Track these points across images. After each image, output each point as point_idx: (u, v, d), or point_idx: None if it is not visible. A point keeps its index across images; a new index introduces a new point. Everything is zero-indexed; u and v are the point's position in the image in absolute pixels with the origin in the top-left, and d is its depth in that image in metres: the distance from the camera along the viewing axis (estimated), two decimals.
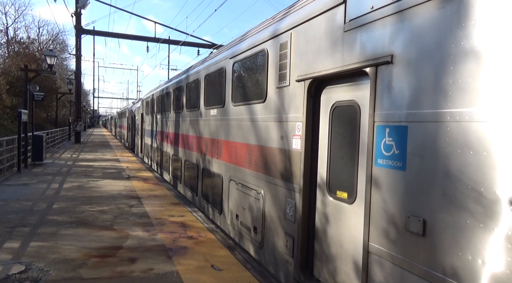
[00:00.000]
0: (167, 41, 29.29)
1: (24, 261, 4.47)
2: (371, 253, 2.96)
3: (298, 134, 4.10)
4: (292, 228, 4.19)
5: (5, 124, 22.88)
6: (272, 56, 4.75)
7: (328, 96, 3.79)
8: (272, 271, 4.62)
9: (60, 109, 41.68)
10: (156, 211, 7.19)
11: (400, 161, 2.71)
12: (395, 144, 2.77)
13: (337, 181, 3.64)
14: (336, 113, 3.66)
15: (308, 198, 4.01)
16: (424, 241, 2.49)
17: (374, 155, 2.97)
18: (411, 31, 2.68)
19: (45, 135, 15.35)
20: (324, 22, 3.72)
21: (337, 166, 3.64)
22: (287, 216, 4.30)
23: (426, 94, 2.53)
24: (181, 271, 4.34)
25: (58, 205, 7.47)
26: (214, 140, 7.02)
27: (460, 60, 2.32)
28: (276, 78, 4.62)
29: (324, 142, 3.83)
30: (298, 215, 4.06)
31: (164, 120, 12.13)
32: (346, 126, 3.52)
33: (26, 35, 39.33)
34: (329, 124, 3.74)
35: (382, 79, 2.91)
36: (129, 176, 11.81)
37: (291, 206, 4.20)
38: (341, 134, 3.58)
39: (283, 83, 4.44)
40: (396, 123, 2.76)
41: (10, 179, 10.65)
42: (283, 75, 4.45)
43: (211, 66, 7.31)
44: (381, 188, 2.89)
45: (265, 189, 4.88)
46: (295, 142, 4.14)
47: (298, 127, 4.11)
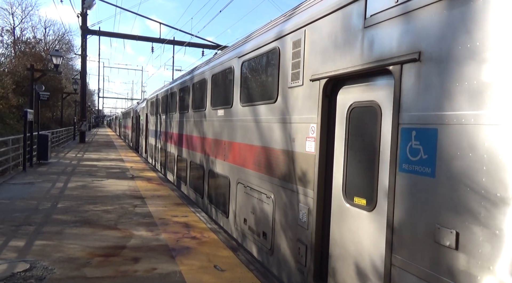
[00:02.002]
0: (172, 42, 29.40)
1: (29, 260, 4.51)
2: (394, 265, 2.75)
3: (312, 136, 3.90)
4: (305, 235, 3.98)
5: (11, 124, 23.05)
6: (284, 55, 4.55)
7: (345, 97, 3.58)
8: (284, 280, 4.43)
9: (65, 109, 41.93)
10: (160, 211, 7.22)
11: (429, 167, 2.49)
12: (423, 148, 2.55)
13: (354, 187, 3.41)
14: (353, 114, 3.44)
15: (323, 203, 3.79)
16: (457, 255, 2.27)
17: (398, 159, 2.75)
18: (443, 26, 2.45)
19: (50, 134, 15.46)
20: (342, 18, 3.50)
21: (355, 171, 3.41)
22: (300, 222, 4.10)
23: (459, 95, 2.31)
24: (184, 271, 4.36)
25: (62, 204, 7.52)
26: (220, 142, 6.85)
27: (503, 58, 2.10)
28: (288, 78, 4.43)
29: (340, 144, 3.60)
30: (311, 222, 3.86)
31: (169, 120, 12.02)
32: (365, 129, 3.29)
33: (33, 35, 39.65)
34: (346, 126, 3.51)
35: (408, 78, 2.71)
36: (133, 175, 11.86)
37: (304, 211, 3.99)
38: (359, 137, 3.36)
39: (296, 83, 4.25)
40: (424, 126, 2.54)
41: (16, 178, 10.74)
42: (296, 74, 4.25)
43: (218, 66, 7.14)
44: (406, 195, 2.67)
45: (275, 193, 4.68)
46: (309, 145, 3.94)
47: (312, 129, 3.90)
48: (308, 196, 3.94)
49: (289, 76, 4.41)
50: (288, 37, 4.47)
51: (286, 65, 4.48)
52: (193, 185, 8.93)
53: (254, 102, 5.42)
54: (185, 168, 9.75)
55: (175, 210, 7.42)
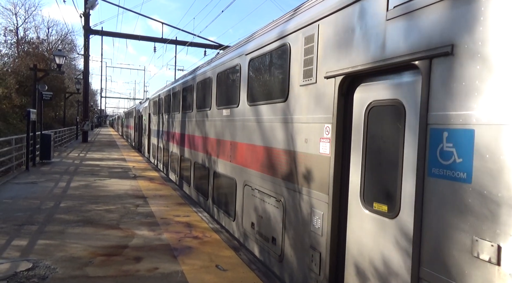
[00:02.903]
0: (174, 42, 29.46)
1: (31, 259, 4.53)
2: (423, 279, 2.52)
3: (326, 137, 3.65)
4: (319, 242, 3.74)
5: (14, 123, 23.17)
6: (295, 51, 4.32)
7: (363, 95, 3.34)
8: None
9: (68, 109, 42.10)
10: (162, 211, 7.23)
11: (464, 172, 2.25)
12: (457, 150, 2.30)
13: (374, 191, 3.17)
14: (373, 113, 3.21)
15: (338, 208, 3.54)
16: (499, 271, 2.06)
17: (427, 163, 2.50)
18: (481, 15, 2.22)
19: (53, 134, 15.51)
20: (360, 10, 3.27)
21: (374, 174, 3.16)
22: (313, 228, 3.86)
23: (502, 92, 2.09)
24: (186, 270, 4.37)
25: (65, 203, 7.55)
26: (226, 142, 6.65)
27: None
28: (299, 75, 4.19)
29: (358, 146, 3.36)
30: (326, 228, 3.61)
31: (173, 120, 11.79)
32: (386, 129, 3.06)
33: (36, 36, 39.81)
34: (364, 126, 3.27)
35: (438, 74, 2.46)
36: (135, 175, 11.89)
37: (318, 217, 3.75)
38: (379, 138, 3.13)
39: (309, 81, 4.00)
40: (458, 127, 2.29)
41: (19, 177, 10.78)
42: (309, 71, 4.00)
43: (224, 64, 6.90)
44: (437, 202, 2.43)
45: (286, 197, 4.44)
46: (323, 146, 3.70)
47: (326, 130, 3.65)
48: (322, 200, 3.71)
49: (300, 74, 4.18)
50: (299, 33, 4.25)
51: (297, 62, 4.26)
52: (197, 186, 8.75)
53: (262, 101, 5.20)
54: (188, 168, 9.57)
55: (177, 209, 7.43)
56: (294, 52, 4.35)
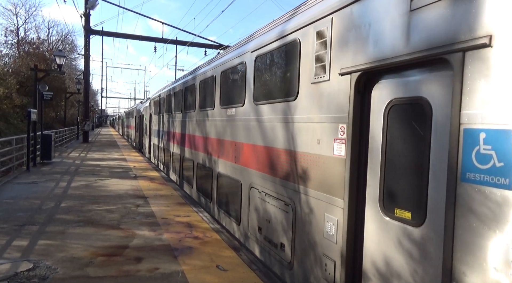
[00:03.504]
0: (174, 42, 29.46)
1: (32, 259, 4.53)
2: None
3: (341, 138, 3.44)
4: (333, 250, 3.51)
5: (15, 123, 23.18)
6: (305, 47, 4.11)
7: (383, 92, 3.12)
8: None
9: (69, 109, 42.10)
10: (162, 211, 7.23)
11: (506, 177, 2.05)
12: (497, 153, 2.09)
13: (395, 197, 2.94)
14: (393, 112, 2.99)
15: (355, 215, 3.31)
16: None
17: (460, 167, 2.29)
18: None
19: (53, 134, 15.51)
20: (380, 1, 3.06)
21: (396, 178, 2.93)
22: (326, 235, 3.62)
23: None
24: (187, 271, 4.36)
25: (66, 203, 7.55)
26: (231, 143, 6.43)
27: None
28: (310, 72, 3.98)
29: (376, 147, 3.14)
30: (341, 235, 3.38)
31: (175, 120, 11.57)
32: (410, 129, 2.84)
33: (36, 36, 39.83)
34: (384, 126, 3.06)
35: (474, 68, 2.24)
36: (135, 175, 11.89)
37: (332, 223, 3.53)
38: (401, 139, 2.91)
39: (321, 78, 3.78)
40: (499, 127, 2.09)
41: (19, 177, 10.79)
42: (321, 68, 3.79)
43: (228, 62, 6.69)
44: (472, 210, 2.22)
45: (296, 201, 4.22)
46: (337, 147, 3.48)
47: (341, 130, 3.43)
48: (336, 206, 3.48)
49: (312, 71, 3.96)
50: (310, 28, 4.02)
51: (308, 58, 4.04)
52: (200, 188, 8.53)
53: (269, 100, 4.97)
54: (191, 169, 9.39)
55: (177, 209, 7.43)
56: (304, 48, 4.14)
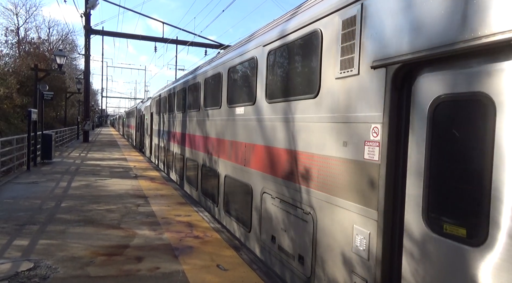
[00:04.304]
0: (174, 42, 29.45)
1: (33, 259, 4.53)
2: None
3: (374, 140, 3.08)
4: (364, 267, 3.15)
5: (15, 123, 23.20)
6: (328, 38, 3.73)
7: (427, 87, 2.73)
8: None
9: (69, 109, 42.12)
10: (163, 210, 7.23)
11: None
12: None
13: (444, 209, 2.57)
14: (441, 110, 2.62)
15: (391, 228, 2.94)
16: None
17: None
18: None
19: (54, 134, 15.51)
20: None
21: (445, 187, 2.56)
22: (355, 250, 3.25)
23: None
24: (187, 270, 4.36)
25: (66, 203, 7.55)
26: (239, 144, 6.06)
27: None
28: (335, 67, 3.61)
29: (418, 151, 2.78)
30: (374, 251, 3.02)
31: (178, 120, 11.17)
32: (464, 130, 2.46)
33: (37, 36, 39.86)
34: (428, 126, 2.69)
35: None
36: (136, 175, 11.90)
37: (363, 237, 3.16)
38: (451, 142, 2.54)
39: (348, 72, 3.41)
40: None
41: (20, 177, 10.80)
42: (348, 61, 3.43)
43: (237, 58, 6.32)
44: None
45: (318, 209, 3.85)
46: (369, 150, 3.13)
47: (374, 131, 3.09)
48: (368, 217, 3.11)
49: (336, 65, 3.59)
50: (334, 16, 3.64)
51: (332, 51, 3.67)
52: (205, 191, 8.17)
53: (285, 97, 4.60)
54: (195, 171, 9.03)
55: (178, 209, 7.43)
56: (327, 39, 3.77)
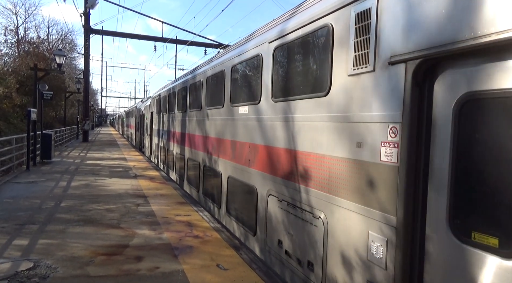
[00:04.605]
0: (174, 41, 29.45)
1: (32, 258, 4.53)
2: None
3: (392, 141, 2.92)
4: (381, 277, 2.99)
5: (15, 123, 23.18)
6: (340, 33, 3.58)
7: (452, 84, 2.56)
8: None
9: (69, 108, 42.09)
10: (163, 210, 7.23)
11: None
12: None
13: (473, 216, 2.40)
14: (468, 109, 2.45)
15: (411, 236, 2.76)
16: None
17: None
18: None
19: (53, 134, 15.51)
20: None
21: (473, 191, 2.41)
22: (371, 257, 3.09)
23: None
24: (187, 270, 4.37)
25: (66, 203, 7.55)
26: (244, 144, 5.87)
27: None
28: (347, 63, 3.46)
29: (441, 152, 2.60)
30: (392, 259, 2.86)
31: (180, 119, 10.96)
32: (497, 130, 2.30)
33: (36, 35, 39.81)
34: (454, 125, 2.52)
35: None
36: (135, 174, 11.89)
37: (379, 244, 3.00)
38: (482, 142, 2.38)
39: (363, 69, 3.25)
40: None
41: (19, 177, 10.79)
42: (363, 57, 3.26)
43: (240, 55, 6.15)
44: None
45: (328, 213, 3.68)
46: (386, 152, 2.97)
47: (391, 131, 2.93)
48: (385, 223, 2.94)
49: (349, 61, 3.43)
50: (347, 10, 3.50)
51: (344, 46, 3.52)
52: (207, 192, 8.01)
53: (292, 96, 4.43)
54: (197, 172, 8.87)
55: (178, 209, 7.43)
56: (338, 34, 3.61)
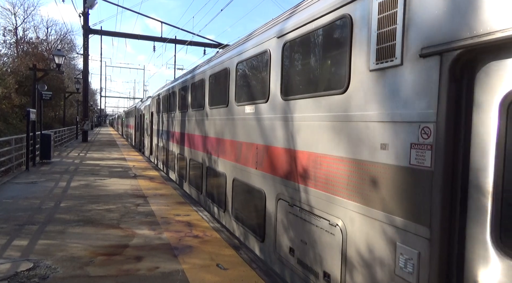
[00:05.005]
0: (173, 41, 29.44)
1: (32, 259, 4.53)
2: None
3: (424, 143, 2.64)
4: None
5: (14, 123, 23.16)
6: (360, 25, 3.33)
7: (497, 78, 2.33)
8: None
9: (68, 109, 42.09)
10: (162, 210, 7.24)
11: None
12: None
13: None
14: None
15: (448, 249, 2.52)
16: None
17: None
18: None
19: (53, 134, 15.50)
20: None
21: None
22: (400, 272, 2.82)
23: None
24: (187, 269, 4.37)
25: (65, 203, 7.55)
26: (250, 145, 5.64)
27: None
28: (369, 57, 3.20)
29: (484, 156, 2.37)
30: (426, 276, 2.60)
31: (182, 119, 10.70)
32: None
33: (35, 35, 39.81)
34: (500, 126, 2.31)
35: None
36: (135, 174, 11.89)
37: (409, 257, 2.73)
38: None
39: (387, 62, 3.00)
40: None
41: (19, 177, 10.78)
42: (388, 49, 3.01)
43: (246, 52, 5.90)
44: None
45: (347, 221, 3.41)
46: (417, 155, 2.70)
47: (423, 132, 2.66)
48: (417, 234, 2.68)
49: (371, 55, 3.18)
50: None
51: (364, 39, 3.27)
52: (211, 194, 7.80)
53: (303, 94, 4.21)
54: (200, 173, 8.67)
55: (177, 208, 7.43)
56: (358, 26, 3.36)
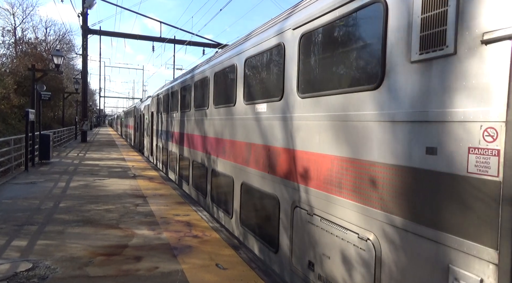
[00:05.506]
0: (172, 41, 29.42)
1: (31, 259, 4.53)
2: None
3: (487, 147, 2.27)
4: None
5: (13, 124, 23.12)
6: (398, 9, 2.92)
7: None
8: None
9: (67, 109, 42.03)
10: (162, 210, 7.23)
11: None
12: None
13: None
14: None
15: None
16: None
17: None
18: None
19: (52, 134, 15.49)
20: None
21: None
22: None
23: None
24: (186, 269, 4.37)
25: (65, 203, 7.55)
26: (262, 147, 5.26)
27: None
28: (409, 46, 2.81)
29: None
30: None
31: (184, 119, 10.31)
32: None
33: (34, 36, 39.76)
34: None
35: None
36: (134, 175, 11.89)
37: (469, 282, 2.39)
38: None
39: (436, 52, 2.58)
40: None
41: (18, 178, 10.77)
42: (435, 37, 2.59)
43: (255, 46, 5.48)
44: None
45: (381, 236, 3.03)
46: (478, 161, 2.31)
47: (487, 134, 2.28)
48: (478, 257, 2.32)
49: (413, 43, 2.77)
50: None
51: (406, 24, 2.86)
52: (216, 199, 7.48)
53: (324, 91, 3.82)
54: (203, 175, 8.32)
55: (176, 208, 7.43)
56: (395, 10, 2.95)
